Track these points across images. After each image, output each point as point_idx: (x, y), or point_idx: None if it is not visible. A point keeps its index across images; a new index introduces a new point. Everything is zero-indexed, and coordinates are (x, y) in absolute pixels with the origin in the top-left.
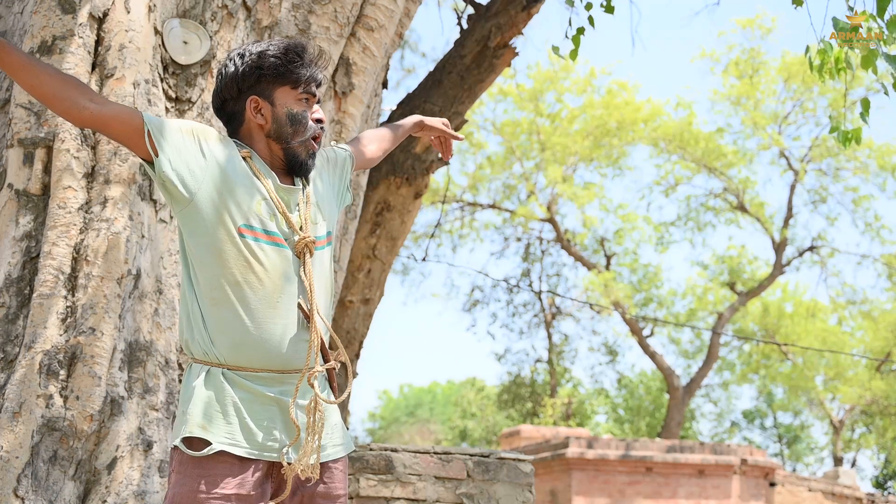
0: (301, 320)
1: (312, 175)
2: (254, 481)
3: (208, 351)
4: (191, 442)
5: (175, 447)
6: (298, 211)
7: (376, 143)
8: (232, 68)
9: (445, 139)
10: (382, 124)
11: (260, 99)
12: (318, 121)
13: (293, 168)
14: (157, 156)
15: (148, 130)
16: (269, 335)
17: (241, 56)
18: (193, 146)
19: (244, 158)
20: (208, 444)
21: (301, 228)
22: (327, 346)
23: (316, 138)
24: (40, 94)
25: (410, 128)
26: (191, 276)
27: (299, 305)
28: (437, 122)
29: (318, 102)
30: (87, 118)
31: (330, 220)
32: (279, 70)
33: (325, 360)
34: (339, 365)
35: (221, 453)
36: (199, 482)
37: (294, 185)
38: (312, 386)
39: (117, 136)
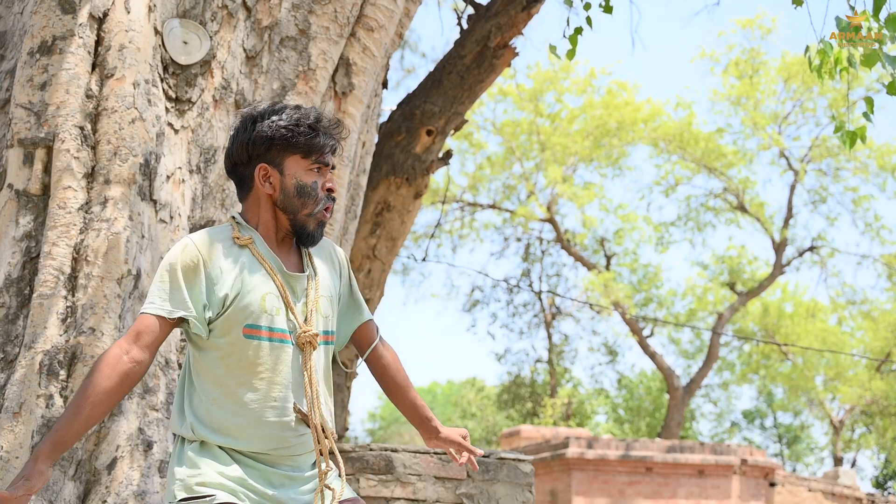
0: (294, 417)
1: (327, 269)
2: None
3: (206, 435)
4: (193, 499)
5: None
6: (306, 298)
7: (392, 362)
8: (243, 133)
9: (462, 450)
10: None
11: (269, 167)
12: (330, 191)
13: (300, 238)
14: (188, 322)
15: (169, 320)
16: (264, 432)
17: (254, 121)
18: (195, 286)
19: (246, 246)
20: (208, 497)
21: (306, 320)
22: (326, 433)
23: (327, 209)
24: (119, 400)
25: (423, 421)
26: (191, 371)
27: (296, 409)
28: (455, 434)
29: (333, 169)
30: (143, 363)
31: (334, 320)
32: (289, 140)
33: (320, 444)
34: (331, 446)
35: None
36: None
37: (302, 270)
38: (330, 488)
39: (165, 337)
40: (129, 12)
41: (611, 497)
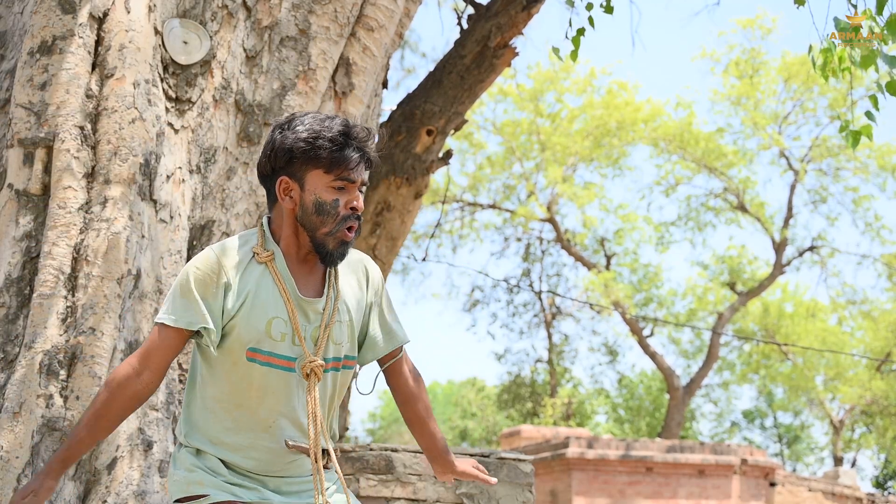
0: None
1: (352, 289)
2: None
3: (201, 446)
4: (189, 500)
5: None
6: (319, 323)
7: (414, 393)
8: (268, 144)
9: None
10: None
11: (290, 181)
12: (354, 209)
13: (321, 258)
14: (202, 336)
15: (183, 329)
16: (257, 453)
17: (281, 129)
18: (215, 296)
19: (265, 263)
20: (206, 497)
21: (316, 345)
22: (327, 461)
23: (350, 228)
24: (126, 417)
25: (439, 455)
26: (195, 376)
27: (289, 445)
28: (469, 467)
29: (364, 186)
30: (153, 384)
31: (353, 344)
32: (308, 154)
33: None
34: (330, 461)
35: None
36: None
37: (320, 294)
38: None
39: (179, 353)
40: (129, 12)
41: (611, 497)
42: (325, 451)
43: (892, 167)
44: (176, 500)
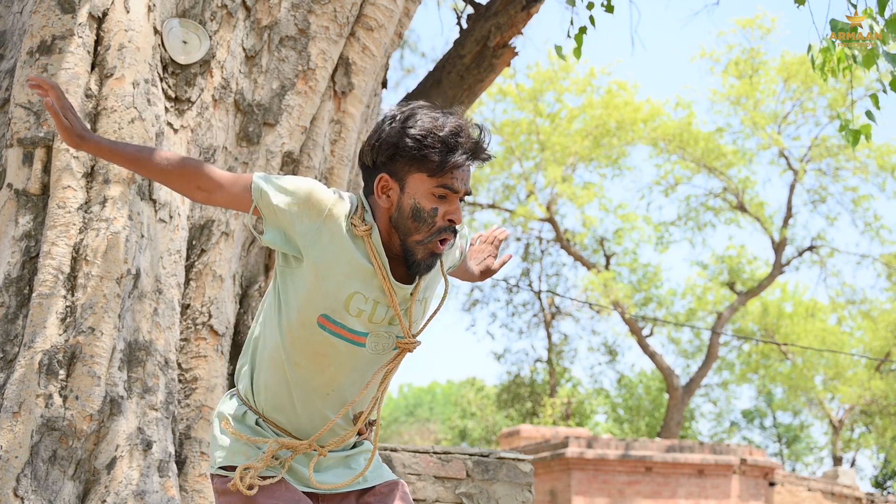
0: (347, 414)
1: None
2: (295, 500)
3: (250, 398)
4: (230, 469)
5: (214, 474)
6: (406, 305)
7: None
8: (376, 134)
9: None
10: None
11: (391, 179)
12: (452, 222)
13: (407, 264)
14: (262, 232)
15: (256, 206)
16: (308, 418)
17: (392, 120)
18: (304, 223)
19: (361, 237)
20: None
21: (410, 326)
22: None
23: (443, 240)
24: (155, 180)
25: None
26: (264, 322)
27: (357, 417)
28: (495, 267)
29: (468, 195)
30: (192, 197)
31: (423, 318)
32: (415, 155)
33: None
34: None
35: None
36: (245, 498)
37: (408, 282)
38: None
39: (232, 208)
40: (128, 12)
41: (610, 497)
42: (370, 423)
43: (892, 167)
44: (220, 467)
